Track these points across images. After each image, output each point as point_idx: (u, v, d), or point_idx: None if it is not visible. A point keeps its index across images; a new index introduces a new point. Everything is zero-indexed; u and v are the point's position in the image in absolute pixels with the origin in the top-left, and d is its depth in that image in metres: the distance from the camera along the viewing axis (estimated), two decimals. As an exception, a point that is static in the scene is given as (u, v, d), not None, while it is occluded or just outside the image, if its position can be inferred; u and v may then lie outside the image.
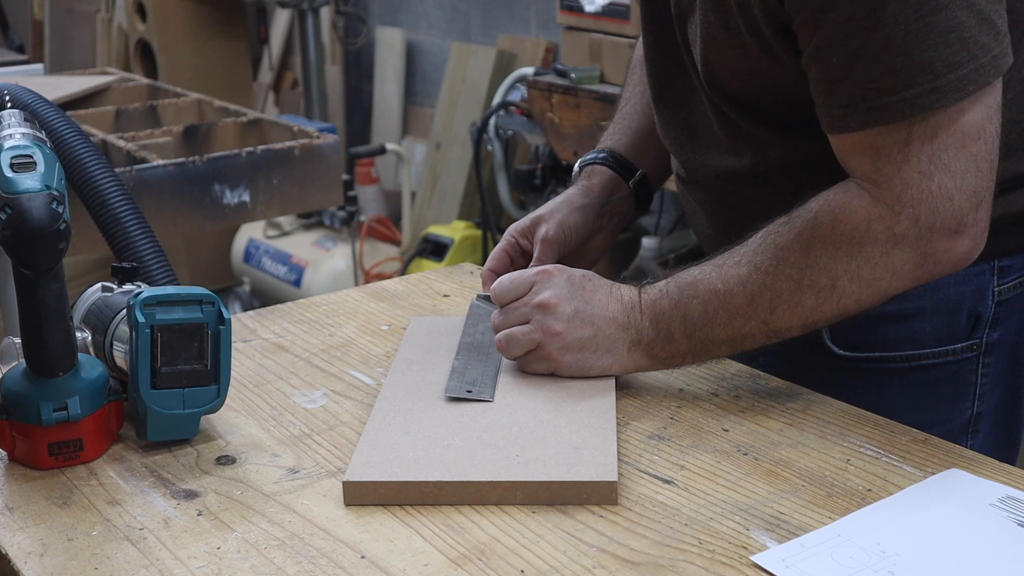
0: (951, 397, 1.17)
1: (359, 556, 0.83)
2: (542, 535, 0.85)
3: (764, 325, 1.02)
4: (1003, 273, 1.15)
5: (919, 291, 1.10)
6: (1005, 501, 0.87)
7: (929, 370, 1.16)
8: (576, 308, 1.06)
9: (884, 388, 1.16)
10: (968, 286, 1.15)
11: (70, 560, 0.84)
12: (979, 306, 1.15)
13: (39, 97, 1.40)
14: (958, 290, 1.14)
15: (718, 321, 1.03)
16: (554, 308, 1.05)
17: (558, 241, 1.20)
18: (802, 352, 1.15)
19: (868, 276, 0.99)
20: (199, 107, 2.68)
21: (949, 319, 1.15)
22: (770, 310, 1.02)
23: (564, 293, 1.06)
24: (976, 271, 1.13)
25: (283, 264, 4.02)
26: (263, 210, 2.20)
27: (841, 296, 1.00)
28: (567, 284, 1.07)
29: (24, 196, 0.91)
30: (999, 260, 1.15)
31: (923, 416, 1.12)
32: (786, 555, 0.81)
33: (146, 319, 0.96)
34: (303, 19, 4.42)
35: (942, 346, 1.15)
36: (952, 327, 1.15)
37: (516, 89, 3.39)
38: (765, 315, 1.02)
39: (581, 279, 1.07)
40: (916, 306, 1.14)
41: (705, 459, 0.95)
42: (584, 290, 1.07)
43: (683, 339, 1.04)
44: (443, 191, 4.25)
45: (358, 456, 0.94)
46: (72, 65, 5.15)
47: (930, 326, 1.15)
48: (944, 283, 1.13)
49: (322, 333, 1.26)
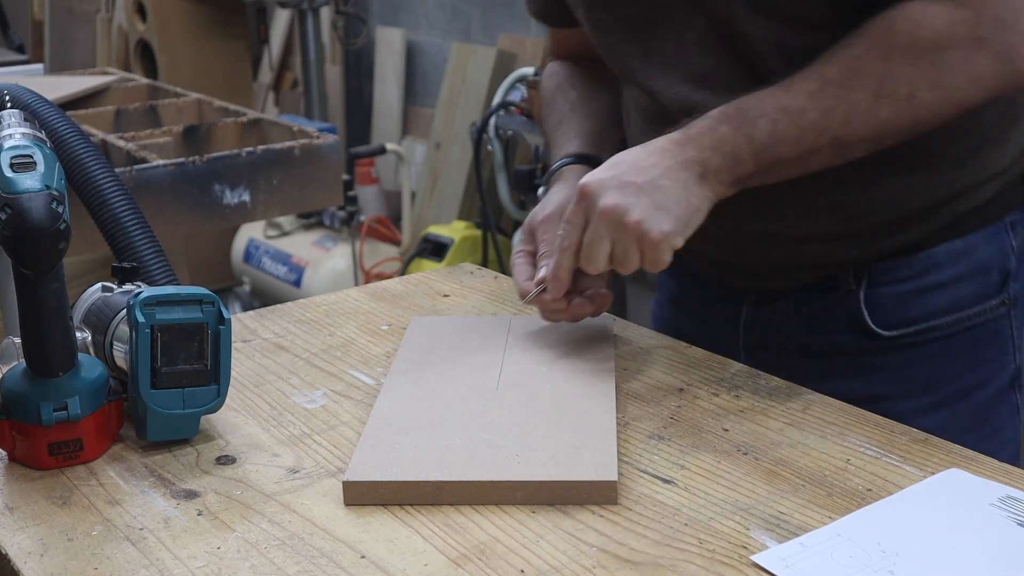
0: (995, 354, 1.20)
1: (359, 556, 0.83)
2: (542, 535, 0.85)
3: (836, 140, 1.01)
4: (1014, 229, 1.18)
5: (953, 259, 1.14)
6: (1005, 501, 0.87)
7: (972, 331, 1.18)
8: (631, 187, 0.99)
9: (935, 357, 1.17)
10: (994, 246, 1.17)
11: (70, 560, 0.84)
12: (1006, 263, 1.18)
13: (39, 97, 1.40)
14: (987, 250, 1.17)
15: (788, 139, 1.00)
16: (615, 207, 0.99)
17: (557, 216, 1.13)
18: (840, 337, 1.16)
19: (948, 84, 0.98)
20: (199, 107, 2.68)
21: (984, 280, 1.17)
22: (844, 122, 0.99)
23: (610, 185, 1.00)
24: (995, 231, 1.17)
25: (283, 264, 4.03)
26: (263, 210, 2.20)
27: (919, 106, 0.99)
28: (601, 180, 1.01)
29: (24, 196, 0.91)
30: (1008, 217, 1.18)
31: (974, 377, 1.17)
32: (786, 555, 0.81)
33: (146, 319, 0.96)
34: (303, 19, 4.43)
35: (980, 305, 1.18)
36: (987, 287, 1.18)
37: (516, 89, 3.39)
38: (839, 128, 1.00)
39: (607, 166, 1.02)
40: (952, 273, 1.16)
41: (705, 459, 0.95)
42: (621, 167, 1.01)
43: (750, 160, 1.01)
44: (443, 191, 4.26)
45: (358, 456, 0.94)
46: (72, 65, 5.15)
47: (967, 290, 1.17)
48: (974, 246, 1.16)
49: (322, 333, 1.26)
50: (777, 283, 1.22)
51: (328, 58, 4.91)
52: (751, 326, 1.24)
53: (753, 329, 1.24)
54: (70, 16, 5.57)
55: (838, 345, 1.18)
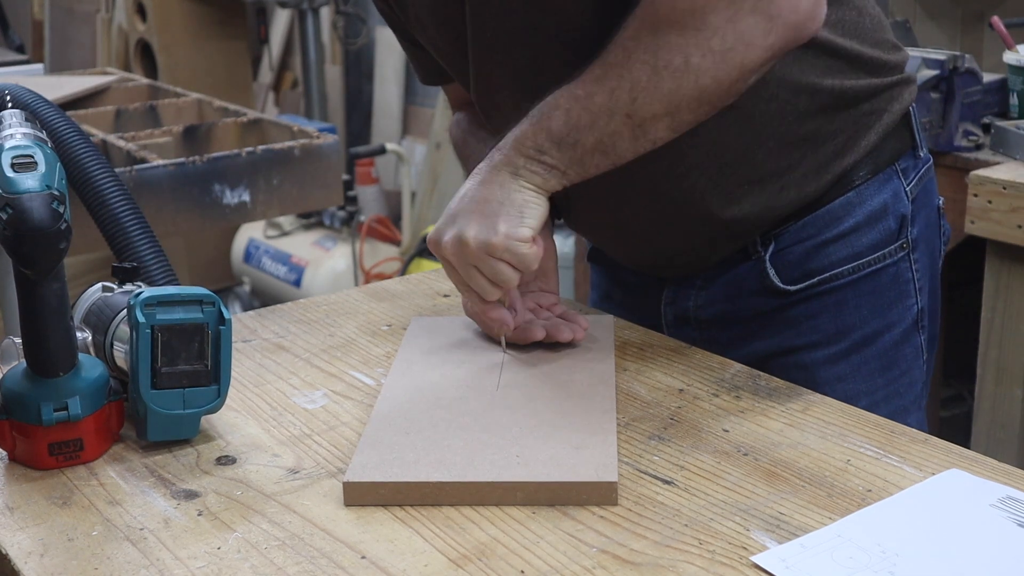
0: (898, 297, 1.23)
1: (359, 556, 0.83)
2: (542, 535, 0.85)
3: (629, 119, 1.04)
4: (905, 174, 1.21)
5: (849, 210, 1.18)
6: (1005, 501, 0.87)
7: (874, 276, 1.21)
8: (459, 216, 1.08)
9: (840, 306, 1.20)
10: (886, 192, 1.20)
11: (70, 560, 0.84)
12: (900, 207, 1.21)
13: (39, 97, 1.40)
14: (881, 198, 1.20)
15: (583, 125, 1.04)
16: (454, 241, 1.07)
17: None
18: (753, 300, 1.21)
19: (719, 47, 1.01)
20: (199, 107, 2.68)
21: (880, 226, 1.20)
22: (631, 100, 1.03)
23: (444, 226, 1.09)
24: (884, 177, 1.20)
25: (283, 264, 4.03)
26: (263, 210, 2.20)
27: (697, 74, 1.02)
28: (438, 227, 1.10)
29: (25, 196, 0.91)
30: (897, 164, 1.21)
31: (881, 321, 1.20)
32: (786, 555, 0.81)
33: (146, 319, 0.96)
34: (303, 19, 4.43)
35: (879, 251, 1.20)
36: (884, 232, 1.20)
37: (516, 89, 3.38)
38: (627, 107, 1.03)
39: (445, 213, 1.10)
40: (850, 224, 1.19)
41: (705, 459, 0.95)
42: (451, 205, 1.09)
43: (554, 149, 1.06)
44: (443, 191, 4.25)
45: (358, 456, 0.94)
46: (72, 65, 5.15)
47: (866, 238, 1.20)
48: (867, 195, 1.19)
49: (322, 333, 1.26)
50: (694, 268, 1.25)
51: (328, 58, 4.91)
52: (672, 302, 1.27)
53: (674, 305, 1.27)
54: (70, 16, 5.57)
55: (751, 308, 1.21)
